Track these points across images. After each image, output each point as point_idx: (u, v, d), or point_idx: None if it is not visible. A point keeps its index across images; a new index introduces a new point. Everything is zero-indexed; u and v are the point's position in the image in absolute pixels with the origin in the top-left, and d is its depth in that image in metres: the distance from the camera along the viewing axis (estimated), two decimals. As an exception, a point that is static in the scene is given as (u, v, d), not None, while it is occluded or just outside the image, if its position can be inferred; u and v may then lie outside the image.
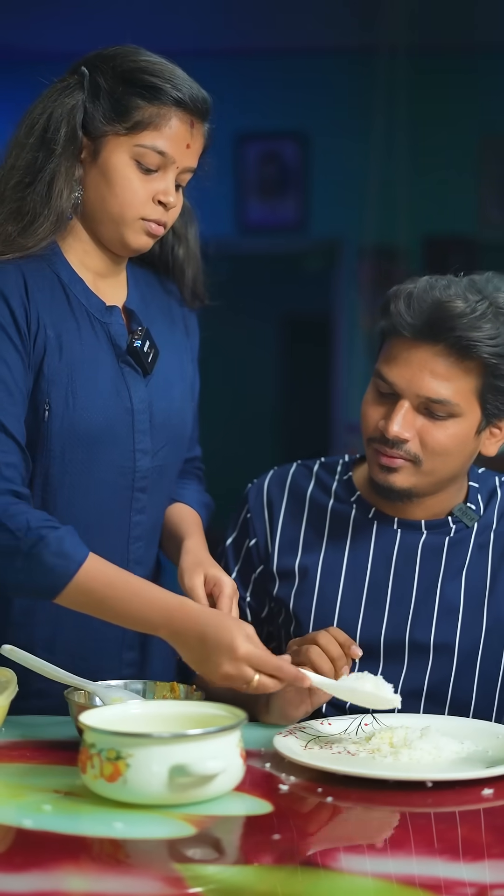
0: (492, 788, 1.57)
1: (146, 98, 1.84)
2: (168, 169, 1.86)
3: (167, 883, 1.31)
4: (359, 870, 1.37)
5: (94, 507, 1.89)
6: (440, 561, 1.94)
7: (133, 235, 1.88)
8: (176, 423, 1.98)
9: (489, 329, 1.82)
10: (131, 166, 1.85)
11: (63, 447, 1.85)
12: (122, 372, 1.90)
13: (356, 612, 1.94)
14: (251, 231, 6.85)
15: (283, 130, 6.76)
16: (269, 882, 1.32)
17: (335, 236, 6.65)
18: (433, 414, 1.85)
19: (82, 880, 1.32)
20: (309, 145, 6.74)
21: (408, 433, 1.85)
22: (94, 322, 1.89)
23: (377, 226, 6.27)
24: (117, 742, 1.48)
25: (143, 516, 1.94)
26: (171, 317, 2.03)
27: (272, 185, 6.78)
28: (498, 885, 1.31)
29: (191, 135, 1.87)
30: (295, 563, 1.98)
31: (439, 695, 1.92)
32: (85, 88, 1.86)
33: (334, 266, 6.83)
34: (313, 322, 7.76)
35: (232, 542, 2.04)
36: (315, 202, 6.75)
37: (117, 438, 1.89)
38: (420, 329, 1.83)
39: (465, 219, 6.66)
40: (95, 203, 1.88)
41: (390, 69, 6.03)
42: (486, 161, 6.66)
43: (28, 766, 1.67)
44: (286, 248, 7.39)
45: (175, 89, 1.84)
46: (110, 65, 1.86)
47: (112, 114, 1.84)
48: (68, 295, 1.88)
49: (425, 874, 1.35)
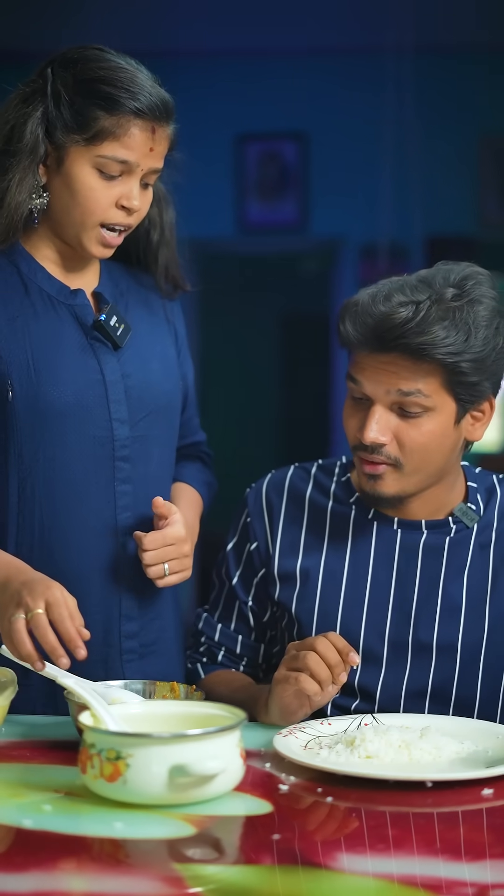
0: (492, 788, 1.57)
1: (104, 108, 1.85)
2: (132, 174, 1.88)
3: (167, 883, 1.31)
4: (359, 870, 1.37)
5: (76, 480, 1.92)
6: (441, 561, 1.94)
7: (91, 244, 1.92)
8: (157, 395, 2.01)
9: (438, 331, 1.80)
10: (93, 175, 1.87)
11: (32, 424, 1.89)
12: (93, 347, 1.95)
13: (359, 613, 1.94)
14: (251, 231, 6.85)
15: (283, 130, 6.76)
16: (269, 882, 1.32)
17: (335, 236, 6.65)
18: (407, 412, 1.84)
19: (82, 880, 1.32)
20: (309, 145, 6.74)
21: (384, 437, 1.85)
22: (58, 305, 1.94)
23: (377, 225, 6.26)
24: (117, 742, 1.48)
25: (127, 486, 1.96)
26: (149, 306, 2.07)
27: (272, 185, 6.78)
28: (498, 885, 1.31)
29: (153, 139, 1.88)
30: (296, 566, 1.98)
31: (444, 694, 1.92)
32: (48, 96, 1.88)
33: (334, 266, 6.83)
34: (313, 322, 7.76)
35: (233, 547, 2.04)
36: (315, 202, 6.74)
37: (91, 409, 1.92)
38: (370, 343, 1.83)
39: (465, 219, 6.65)
40: (60, 209, 1.91)
41: (390, 69, 6.02)
42: (487, 161, 6.66)
43: (28, 766, 1.67)
44: (286, 248, 7.39)
45: (133, 99, 1.85)
46: (71, 72, 1.88)
47: (73, 124, 1.86)
48: (26, 284, 1.93)
49: (425, 874, 1.35)
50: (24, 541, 1.91)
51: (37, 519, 1.91)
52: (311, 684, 1.75)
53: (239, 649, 2.04)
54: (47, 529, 1.91)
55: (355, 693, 1.92)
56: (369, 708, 1.91)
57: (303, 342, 8.44)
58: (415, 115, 6.40)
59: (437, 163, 6.60)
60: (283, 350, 8.78)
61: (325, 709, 1.92)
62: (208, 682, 2.01)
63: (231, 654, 2.04)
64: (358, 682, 1.91)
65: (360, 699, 1.92)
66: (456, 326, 1.82)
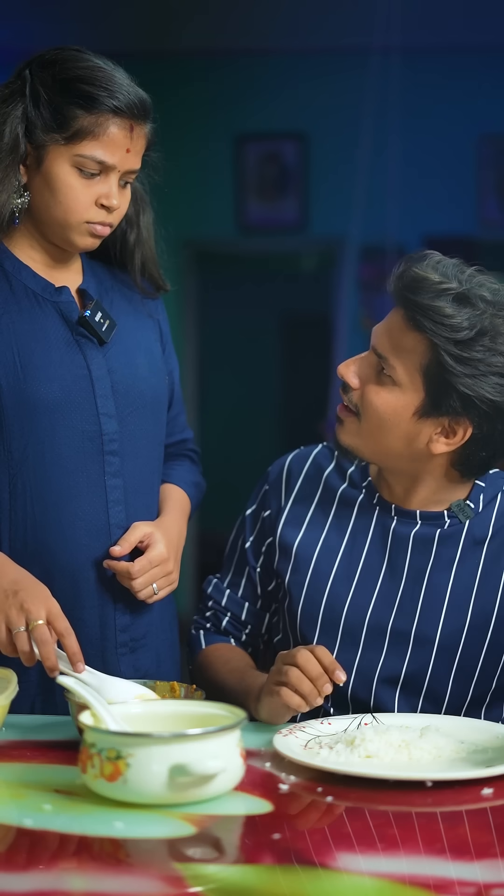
0: (492, 788, 1.57)
1: (83, 107, 1.88)
2: (110, 174, 1.91)
3: (167, 882, 1.31)
4: (359, 869, 1.37)
5: (66, 475, 1.94)
6: (430, 552, 1.95)
7: (78, 237, 1.94)
8: (143, 390, 2.03)
9: (445, 307, 1.81)
10: (73, 174, 1.90)
11: (21, 421, 1.91)
12: (78, 343, 1.97)
13: (345, 593, 1.95)
14: (251, 231, 6.85)
15: (283, 130, 6.77)
16: (269, 882, 1.32)
17: (335, 236, 6.65)
18: (379, 374, 1.88)
19: (82, 880, 1.32)
20: (309, 145, 6.75)
21: (354, 380, 1.90)
22: (42, 302, 1.96)
23: (376, 226, 6.26)
24: (117, 742, 1.48)
25: (118, 480, 1.98)
26: (132, 303, 2.09)
27: (272, 185, 6.79)
28: (498, 885, 1.31)
29: (130, 139, 1.91)
30: (296, 538, 2.01)
31: (415, 684, 1.92)
32: (27, 96, 1.90)
33: (334, 266, 6.83)
34: (313, 322, 7.76)
35: (251, 514, 2.09)
36: (315, 202, 6.75)
37: (78, 404, 1.94)
38: (394, 294, 1.87)
39: (464, 219, 6.66)
40: (41, 208, 1.93)
41: (389, 69, 6.02)
42: (485, 161, 6.67)
43: (28, 765, 1.67)
44: (286, 248, 7.39)
45: (111, 97, 1.88)
46: (49, 73, 1.90)
47: (52, 123, 1.89)
48: (11, 282, 1.95)
49: (425, 873, 1.35)
50: (17, 536, 1.92)
51: (29, 514, 1.92)
52: (294, 698, 1.75)
53: (244, 616, 2.06)
54: (39, 525, 1.92)
55: None
56: (341, 690, 1.91)
57: (303, 342, 8.45)
58: (414, 115, 6.41)
59: (436, 163, 6.61)
60: (282, 350, 8.78)
61: (324, 705, 1.93)
62: (207, 655, 2.03)
63: (235, 621, 2.07)
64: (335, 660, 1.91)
65: None
66: (466, 316, 1.81)
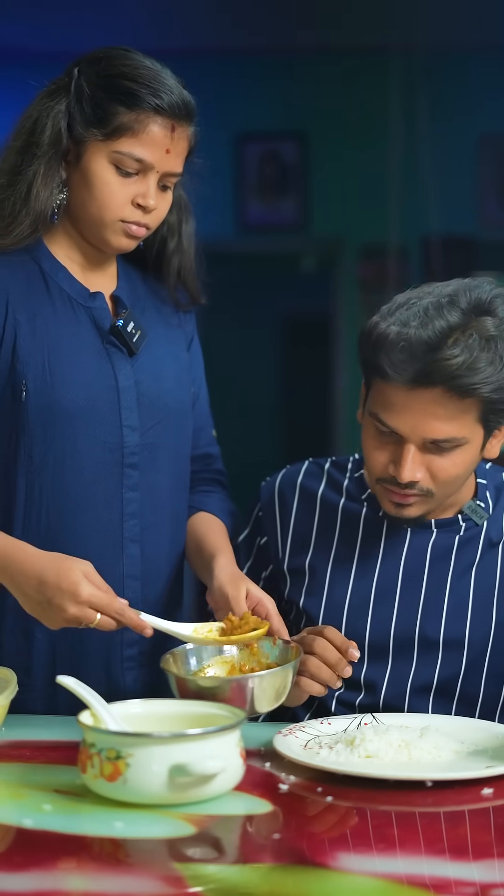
0: (491, 788, 1.57)
1: (125, 104, 1.86)
2: (148, 173, 1.88)
3: (167, 882, 1.31)
4: (359, 869, 1.37)
5: (85, 484, 1.91)
6: (450, 559, 1.95)
7: (113, 236, 1.92)
8: (168, 403, 2.00)
9: (485, 368, 1.77)
10: (110, 170, 1.88)
11: (44, 425, 1.89)
12: (108, 352, 1.94)
13: (365, 609, 1.94)
14: (251, 231, 6.84)
15: (283, 130, 6.76)
16: (269, 882, 1.32)
17: (335, 236, 6.65)
18: (440, 448, 1.83)
19: (82, 880, 1.32)
20: (309, 145, 6.74)
21: (419, 473, 1.84)
22: (77, 306, 1.94)
23: (377, 226, 6.26)
24: (117, 742, 1.48)
25: (135, 493, 1.95)
26: (164, 312, 2.06)
27: (272, 185, 6.78)
28: (498, 885, 1.31)
29: (171, 139, 1.88)
30: (305, 561, 1.99)
31: (448, 690, 1.93)
32: (71, 92, 1.89)
33: (334, 266, 6.83)
34: (313, 322, 7.76)
35: (244, 539, 2.06)
36: (315, 202, 6.74)
37: (102, 415, 1.92)
38: (414, 379, 1.79)
39: (464, 219, 6.65)
40: (78, 205, 1.92)
41: (390, 69, 6.02)
42: (486, 161, 6.66)
43: (28, 765, 1.67)
44: (286, 248, 7.38)
45: (153, 95, 1.86)
46: (95, 69, 1.89)
47: (93, 119, 1.87)
48: (48, 283, 1.93)
49: (425, 873, 1.35)
50: (28, 541, 1.90)
51: (43, 521, 1.90)
52: (315, 686, 1.78)
53: None
54: (53, 532, 1.90)
55: (360, 687, 1.93)
56: (373, 702, 1.92)
57: (303, 342, 8.44)
58: (414, 115, 6.40)
59: (437, 163, 6.60)
60: (282, 350, 8.78)
61: (328, 705, 1.93)
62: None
63: None
64: (364, 677, 1.92)
65: (365, 693, 1.93)
66: (497, 359, 1.79)
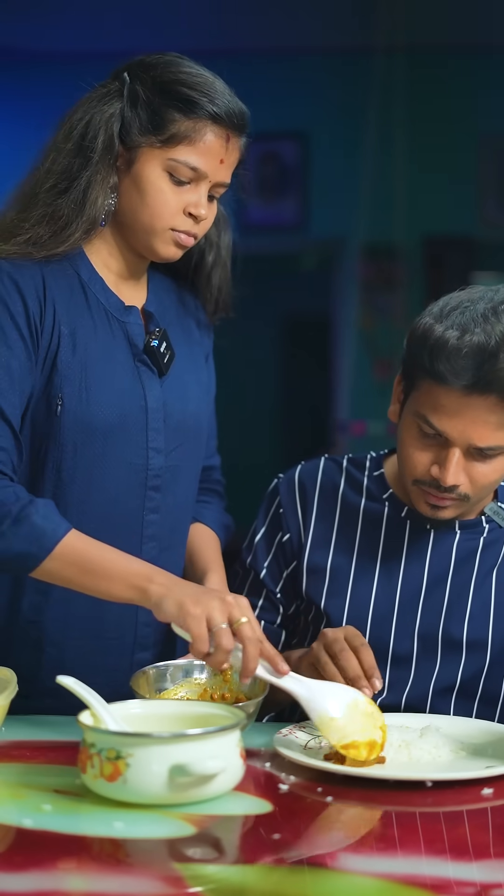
0: (491, 788, 1.57)
1: (182, 111, 1.84)
2: (201, 182, 1.87)
3: (167, 882, 1.31)
4: (359, 869, 1.37)
5: (107, 504, 1.90)
6: (474, 560, 1.95)
7: (162, 245, 1.89)
8: (192, 425, 1.99)
9: None
10: (164, 178, 1.86)
11: (75, 442, 1.86)
12: (139, 371, 1.92)
13: (390, 615, 1.94)
14: (251, 231, 6.85)
15: (283, 130, 6.76)
16: (269, 882, 1.32)
17: (335, 236, 6.65)
18: (484, 455, 1.83)
19: (82, 880, 1.32)
20: (309, 145, 6.74)
21: (461, 479, 1.84)
22: (112, 320, 1.91)
23: (377, 225, 6.26)
24: (117, 742, 1.48)
25: (156, 515, 1.94)
26: (187, 327, 2.04)
27: (272, 185, 6.78)
28: (498, 885, 1.31)
29: (225, 149, 1.88)
30: (327, 560, 1.98)
31: (470, 690, 1.94)
32: (124, 97, 1.87)
33: (334, 266, 6.83)
34: (313, 322, 7.76)
35: (263, 537, 2.04)
36: (315, 202, 6.74)
37: (130, 435, 1.90)
38: (472, 385, 1.78)
39: (464, 218, 6.65)
40: (128, 211, 1.89)
41: (389, 69, 6.02)
42: (486, 160, 6.66)
43: (28, 765, 1.67)
44: (286, 248, 7.38)
45: (211, 103, 1.85)
46: (150, 74, 1.87)
47: (148, 125, 1.85)
48: (87, 293, 1.90)
49: (425, 873, 1.35)
50: None
51: None
52: None
53: None
54: None
55: (383, 688, 1.92)
56: (396, 702, 1.92)
57: (303, 342, 8.45)
58: (415, 114, 6.41)
59: (436, 163, 6.60)
60: (282, 350, 8.78)
61: None
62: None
63: None
64: (387, 679, 1.92)
65: (388, 693, 1.93)
66: None
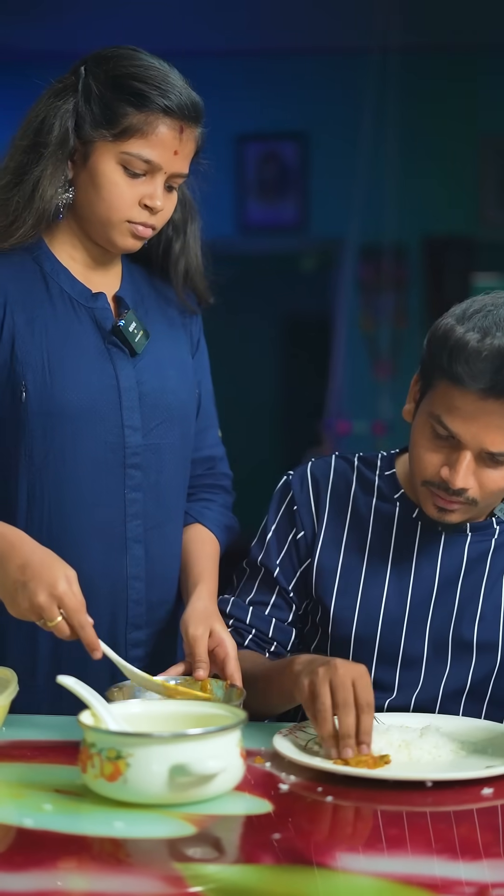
0: (491, 788, 1.57)
1: (134, 105, 1.86)
2: (156, 174, 1.88)
3: (167, 882, 1.31)
4: (359, 869, 1.37)
5: (86, 485, 1.91)
6: (486, 562, 1.94)
7: (120, 237, 1.91)
8: (171, 403, 1.99)
9: None
10: (118, 171, 1.88)
11: (44, 426, 1.89)
12: (109, 352, 1.94)
13: (401, 612, 1.93)
14: (251, 231, 6.85)
15: (283, 130, 6.77)
16: (269, 882, 1.32)
17: (335, 236, 6.65)
18: (495, 461, 1.82)
19: (82, 880, 1.32)
20: (309, 145, 6.75)
21: (471, 482, 1.83)
22: (78, 307, 1.94)
23: (376, 226, 6.26)
24: (117, 742, 1.48)
25: (138, 494, 1.95)
26: (168, 313, 2.05)
27: (272, 185, 6.79)
28: (498, 885, 1.31)
29: (179, 140, 1.88)
30: (338, 560, 1.97)
31: (480, 691, 1.93)
32: (79, 91, 1.89)
33: (334, 266, 6.83)
34: (313, 322, 7.76)
35: (275, 534, 2.02)
36: (315, 202, 6.75)
37: (103, 415, 1.92)
38: (490, 389, 1.77)
39: (464, 218, 6.66)
40: (85, 204, 1.91)
41: (389, 69, 6.03)
42: (486, 161, 6.67)
43: (28, 765, 1.67)
44: (286, 248, 7.39)
45: (163, 96, 1.86)
46: (104, 68, 1.88)
47: (101, 119, 1.87)
48: (48, 283, 1.93)
49: (425, 873, 1.35)
50: None
51: (45, 521, 1.90)
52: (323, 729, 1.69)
53: (271, 633, 1.99)
54: (55, 533, 1.90)
55: (393, 689, 1.92)
56: (405, 703, 1.91)
57: (302, 342, 8.45)
58: (415, 114, 6.41)
59: (436, 163, 6.61)
60: (282, 350, 8.78)
61: None
62: None
63: (260, 638, 1.99)
64: (398, 681, 1.92)
65: (397, 694, 1.92)
66: None
